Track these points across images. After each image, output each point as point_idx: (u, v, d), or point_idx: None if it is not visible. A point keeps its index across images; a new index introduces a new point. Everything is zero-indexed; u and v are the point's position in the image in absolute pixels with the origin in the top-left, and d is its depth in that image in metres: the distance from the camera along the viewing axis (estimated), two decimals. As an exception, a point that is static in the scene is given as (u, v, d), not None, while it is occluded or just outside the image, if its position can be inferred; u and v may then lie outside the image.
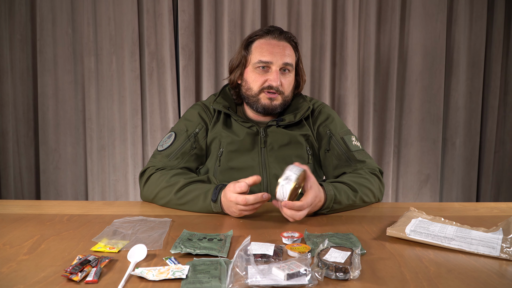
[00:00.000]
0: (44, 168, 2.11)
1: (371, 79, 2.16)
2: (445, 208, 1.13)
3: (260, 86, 1.20)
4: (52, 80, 2.08)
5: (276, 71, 1.19)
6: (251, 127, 1.22)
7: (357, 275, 0.65)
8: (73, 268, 0.65)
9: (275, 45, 1.20)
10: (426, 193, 2.26)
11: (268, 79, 1.19)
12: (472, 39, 2.19)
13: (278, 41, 1.21)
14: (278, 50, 1.19)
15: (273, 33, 1.21)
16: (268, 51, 1.19)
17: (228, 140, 1.21)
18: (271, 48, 1.19)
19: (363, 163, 1.20)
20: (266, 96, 1.20)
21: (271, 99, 1.21)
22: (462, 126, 2.24)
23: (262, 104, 1.21)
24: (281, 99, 1.22)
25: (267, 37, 1.21)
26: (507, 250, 0.75)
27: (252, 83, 1.22)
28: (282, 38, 1.21)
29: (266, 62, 1.19)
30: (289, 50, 1.22)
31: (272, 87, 1.19)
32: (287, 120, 1.23)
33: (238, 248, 0.67)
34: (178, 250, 0.73)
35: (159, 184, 1.09)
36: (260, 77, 1.20)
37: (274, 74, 1.18)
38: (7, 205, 1.10)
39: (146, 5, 2.05)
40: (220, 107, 1.24)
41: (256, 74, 1.21)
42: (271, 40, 1.21)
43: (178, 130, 1.24)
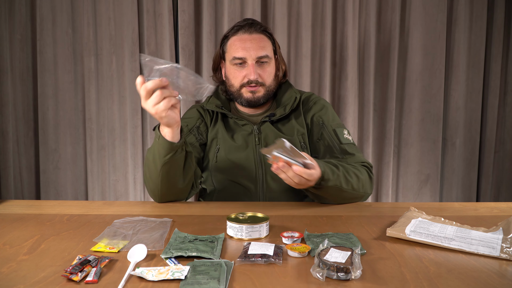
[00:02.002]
0: (44, 168, 2.11)
1: (371, 79, 2.16)
2: (445, 208, 1.13)
3: (240, 82, 1.24)
4: (52, 80, 2.08)
5: (252, 65, 1.22)
6: (244, 125, 1.24)
7: (359, 275, 0.65)
8: (73, 268, 0.65)
9: (247, 40, 1.22)
10: (426, 193, 2.26)
11: (245, 74, 1.23)
12: (472, 39, 2.19)
13: (250, 35, 1.23)
14: (250, 44, 1.22)
15: (244, 27, 1.24)
16: (241, 47, 1.22)
17: (224, 137, 1.25)
18: (243, 43, 1.22)
19: (353, 156, 1.20)
20: (247, 90, 1.24)
21: (252, 92, 1.24)
22: (462, 126, 2.24)
23: (245, 98, 1.25)
24: (263, 91, 1.25)
25: (239, 33, 1.24)
26: (507, 250, 0.75)
27: (232, 79, 1.26)
28: (253, 31, 1.24)
29: (240, 58, 1.22)
30: (262, 42, 1.24)
31: (252, 81, 1.22)
32: (278, 114, 1.25)
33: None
34: (169, 255, 0.73)
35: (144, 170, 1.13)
36: (239, 73, 1.24)
37: (250, 69, 1.22)
38: (7, 205, 1.10)
39: (146, 5, 2.05)
40: (213, 106, 1.28)
41: (234, 70, 1.25)
42: (243, 35, 1.24)
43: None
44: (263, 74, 1.24)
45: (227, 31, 1.29)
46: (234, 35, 1.25)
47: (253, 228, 0.84)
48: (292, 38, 2.12)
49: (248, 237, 0.84)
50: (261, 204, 1.16)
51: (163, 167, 1.05)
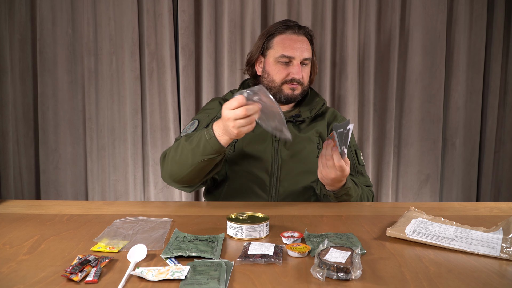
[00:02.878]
0: (44, 168, 2.11)
1: (371, 79, 2.16)
2: (445, 208, 1.13)
3: (283, 79, 1.31)
4: (52, 80, 2.08)
5: (298, 65, 1.29)
6: None
7: (359, 275, 0.65)
8: (73, 268, 0.65)
9: (296, 40, 1.30)
10: (426, 193, 2.26)
11: (291, 72, 1.30)
12: (472, 39, 2.19)
13: (298, 36, 1.31)
14: (299, 45, 1.29)
15: (293, 28, 1.31)
16: (290, 46, 1.29)
17: None
18: (292, 43, 1.29)
19: (365, 178, 1.34)
20: (288, 87, 1.31)
21: (293, 89, 1.31)
22: (462, 126, 2.24)
23: (285, 94, 1.32)
24: (301, 89, 1.33)
25: (287, 32, 1.31)
26: (507, 250, 0.75)
27: (275, 75, 1.32)
28: (301, 33, 1.32)
29: (288, 57, 1.29)
30: (306, 44, 1.32)
31: (295, 79, 1.29)
32: (303, 116, 1.33)
33: None
34: (169, 255, 0.73)
35: (171, 151, 1.15)
36: (283, 70, 1.30)
37: (296, 68, 1.29)
38: (7, 205, 1.10)
39: (146, 5, 2.05)
40: None
41: (279, 67, 1.31)
42: (292, 35, 1.31)
43: (200, 118, 1.33)
44: (304, 75, 1.32)
45: (270, 29, 1.34)
46: (283, 34, 1.31)
47: (253, 228, 0.84)
48: (292, 38, 2.12)
49: (248, 237, 0.84)
50: (261, 204, 1.16)
51: (200, 163, 1.08)
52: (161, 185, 2.15)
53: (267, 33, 1.34)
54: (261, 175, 1.25)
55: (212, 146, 1.04)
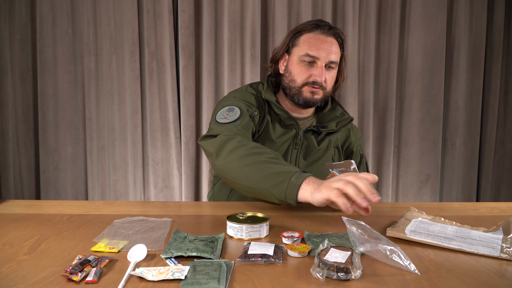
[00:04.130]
0: (44, 168, 2.11)
1: (371, 79, 2.16)
2: (445, 208, 1.13)
3: (304, 80, 1.21)
4: (52, 80, 2.08)
5: (322, 66, 1.20)
6: (290, 126, 1.24)
7: (359, 275, 0.65)
8: (73, 268, 0.65)
9: (323, 41, 1.20)
10: (426, 193, 2.26)
11: (313, 74, 1.21)
12: (472, 39, 2.19)
13: (327, 37, 1.21)
14: (326, 46, 1.20)
15: (323, 28, 1.22)
16: (316, 46, 1.20)
17: (267, 135, 1.23)
18: (319, 43, 1.20)
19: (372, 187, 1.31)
20: (309, 89, 1.22)
21: (313, 93, 1.22)
22: (462, 126, 2.24)
23: (303, 97, 1.23)
24: (322, 94, 1.24)
25: (316, 31, 1.22)
26: (507, 250, 0.75)
27: (296, 75, 1.23)
28: (330, 34, 1.22)
29: (313, 57, 1.20)
30: (335, 47, 1.22)
31: (317, 82, 1.20)
32: (329, 128, 1.26)
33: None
34: (169, 255, 0.73)
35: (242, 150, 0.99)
36: (306, 71, 1.21)
37: (319, 70, 1.20)
38: (7, 205, 1.10)
39: (146, 5, 2.05)
40: (273, 99, 1.24)
41: (302, 67, 1.22)
42: (320, 35, 1.21)
43: (240, 106, 1.18)
44: (328, 79, 1.23)
45: (300, 26, 1.26)
46: (311, 32, 1.22)
47: (253, 228, 0.84)
48: (292, 38, 2.12)
49: (248, 237, 0.84)
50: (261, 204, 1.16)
51: (255, 190, 0.95)
52: (161, 185, 2.15)
53: (296, 30, 1.26)
54: None
55: (287, 191, 0.89)
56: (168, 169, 2.15)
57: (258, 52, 2.07)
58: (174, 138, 2.11)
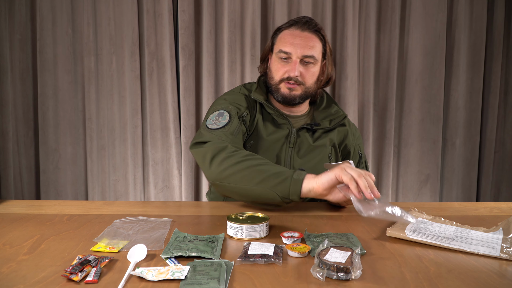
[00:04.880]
0: (44, 168, 2.11)
1: (371, 79, 2.16)
2: (445, 208, 1.13)
3: (281, 76, 1.22)
4: (52, 80, 2.08)
5: (295, 61, 1.20)
6: (283, 125, 1.23)
7: (359, 275, 0.65)
8: (73, 268, 0.65)
9: (297, 36, 1.20)
10: (426, 193, 2.26)
11: (288, 69, 1.21)
12: (472, 39, 2.19)
13: (302, 32, 1.21)
14: (299, 41, 1.20)
15: (299, 23, 1.22)
16: (289, 42, 1.20)
17: (260, 134, 1.22)
18: (292, 39, 1.20)
19: None
20: (285, 86, 1.22)
21: (290, 89, 1.22)
22: (462, 126, 2.24)
23: (281, 94, 1.23)
24: (301, 90, 1.23)
25: (292, 28, 1.22)
26: (507, 250, 0.75)
27: (274, 72, 1.24)
28: (306, 28, 1.21)
29: (286, 53, 1.20)
30: (312, 41, 1.21)
31: (291, 77, 1.20)
32: (322, 126, 1.26)
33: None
34: (169, 255, 0.73)
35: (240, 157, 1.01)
36: (282, 68, 1.22)
37: (292, 65, 1.20)
38: (7, 205, 1.10)
39: (146, 5, 2.05)
40: (261, 99, 1.25)
41: (278, 64, 1.23)
42: (295, 31, 1.22)
43: (229, 110, 1.19)
44: (305, 74, 1.21)
45: (281, 24, 1.28)
46: (287, 29, 1.23)
47: (253, 228, 0.84)
48: (292, 38, 2.12)
49: (248, 237, 0.84)
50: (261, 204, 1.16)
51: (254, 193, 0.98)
52: (161, 185, 2.15)
53: (277, 28, 1.27)
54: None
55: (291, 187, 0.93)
56: (168, 169, 2.15)
57: (258, 52, 2.07)
58: (174, 138, 2.11)
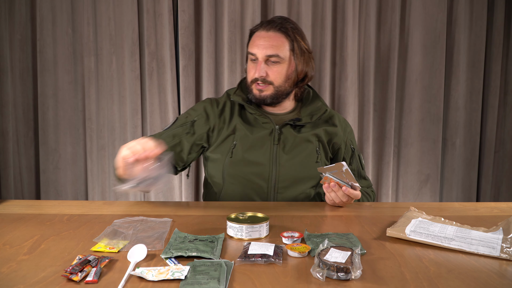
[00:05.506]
0: (44, 168, 2.11)
1: (371, 79, 2.16)
2: (445, 208, 1.13)
3: (251, 78, 1.25)
4: (52, 80, 2.08)
5: (260, 62, 1.22)
6: (265, 124, 1.24)
7: (359, 275, 0.65)
8: (73, 268, 0.65)
9: (262, 37, 1.22)
10: (426, 193, 2.26)
11: (255, 71, 1.23)
12: (472, 39, 2.19)
13: (266, 32, 1.23)
14: (263, 42, 1.21)
15: (264, 24, 1.24)
16: (255, 44, 1.23)
17: (242, 134, 1.24)
18: (258, 40, 1.22)
19: (367, 181, 1.36)
20: (256, 87, 1.24)
21: (260, 90, 1.24)
22: (462, 126, 2.24)
23: (253, 95, 1.26)
24: (271, 90, 1.24)
25: (259, 29, 1.25)
26: (507, 250, 0.75)
27: (247, 74, 1.28)
28: (270, 28, 1.23)
29: (252, 54, 1.23)
30: (276, 40, 1.22)
31: (257, 78, 1.22)
32: (304, 121, 1.27)
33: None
34: (169, 255, 0.73)
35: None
36: (251, 69, 1.25)
37: (257, 66, 1.22)
38: (7, 205, 1.10)
39: (146, 5, 2.05)
40: (240, 99, 1.27)
41: (249, 66, 1.26)
42: (260, 32, 1.24)
43: (181, 116, 1.31)
44: (270, 73, 1.22)
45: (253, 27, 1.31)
46: (256, 31, 1.25)
47: (253, 228, 0.84)
48: (292, 38, 2.12)
49: (248, 237, 0.84)
50: (261, 204, 1.16)
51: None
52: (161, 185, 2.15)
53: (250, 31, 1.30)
54: (259, 182, 1.22)
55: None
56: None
57: (258, 52, 2.07)
58: (174, 138, 2.11)
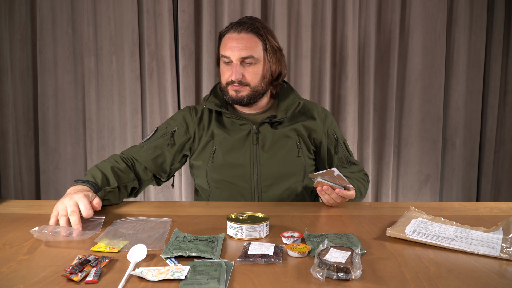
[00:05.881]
0: (44, 168, 2.11)
1: (371, 79, 2.16)
2: (445, 208, 1.13)
3: (226, 80, 1.25)
4: (52, 80, 2.08)
5: (235, 65, 1.21)
6: (243, 125, 1.25)
7: (359, 275, 0.65)
8: (73, 268, 0.65)
9: (234, 39, 1.21)
10: (426, 193, 2.26)
11: (230, 73, 1.23)
12: (472, 39, 2.19)
13: (238, 34, 1.22)
14: (236, 44, 1.21)
15: (234, 26, 1.23)
16: (227, 46, 1.22)
17: (221, 138, 1.24)
18: (229, 42, 1.22)
19: (357, 166, 1.36)
20: (232, 88, 1.24)
21: (236, 91, 1.24)
22: (462, 126, 2.24)
23: (229, 96, 1.25)
24: (248, 91, 1.24)
25: (230, 31, 1.24)
26: (507, 250, 0.75)
27: (221, 76, 1.27)
28: (242, 30, 1.22)
29: (226, 57, 1.22)
30: (249, 41, 1.21)
31: (233, 81, 1.22)
32: (279, 117, 1.26)
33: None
34: (169, 255, 0.73)
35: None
36: (226, 72, 1.25)
37: (233, 68, 1.22)
38: (7, 205, 1.10)
39: (146, 5, 2.05)
40: (212, 105, 1.27)
41: (223, 68, 1.26)
42: (232, 34, 1.23)
43: (160, 127, 1.30)
44: (246, 75, 1.22)
45: (222, 30, 1.30)
46: (226, 33, 1.24)
47: (253, 228, 0.84)
48: (292, 38, 2.12)
49: (248, 237, 0.84)
50: (261, 204, 1.16)
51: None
52: (161, 186, 2.15)
53: (219, 33, 1.28)
54: (242, 183, 1.22)
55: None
56: (168, 169, 2.15)
57: (258, 52, 2.07)
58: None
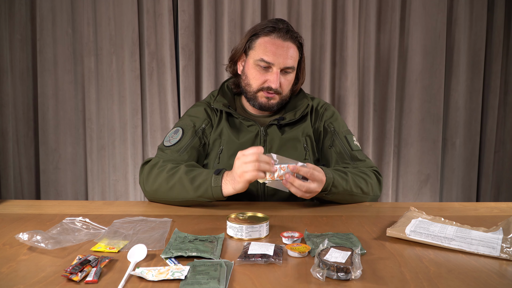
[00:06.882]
0: (44, 168, 2.11)
1: (371, 79, 2.16)
2: (445, 208, 1.13)
3: (259, 85, 1.21)
4: (52, 80, 2.08)
5: (276, 72, 1.18)
6: (250, 126, 1.23)
7: (359, 275, 0.65)
8: (73, 268, 0.65)
9: (279, 46, 1.18)
10: (426, 193, 2.26)
11: (268, 79, 1.19)
12: (472, 39, 2.19)
13: (283, 41, 1.19)
14: (282, 51, 1.18)
15: (279, 31, 1.19)
16: (271, 52, 1.17)
17: (228, 139, 1.22)
18: (274, 48, 1.18)
19: (363, 162, 1.24)
20: (264, 95, 1.21)
21: (268, 98, 1.22)
22: (462, 126, 2.24)
23: (259, 102, 1.23)
24: (278, 99, 1.23)
25: (272, 35, 1.19)
26: (507, 250, 0.75)
27: (252, 80, 1.22)
28: (287, 38, 1.19)
29: (268, 63, 1.18)
30: (292, 51, 1.20)
31: (271, 88, 1.19)
32: (288, 119, 1.24)
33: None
34: (169, 255, 0.73)
35: (163, 173, 1.10)
36: (260, 76, 1.20)
37: (274, 76, 1.18)
38: (7, 205, 1.10)
39: (146, 5, 2.05)
40: (220, 106, 1.25)
41: (257, 71, 1.21)
42: (276, 40, 1.19)
43: (184, 126, 1.25)
44: (283, 84, 1.21)
45: (257, 28, 1.23)
46: (267, 36, 1.19)
47: (253, 228, 0.84)
48: (292, 38, 2.12)
49: (248, 237, 0.84)
50: (261, 204, 1.16)
51: (193, 201, 1.07)
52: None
53: (253, 31, 1.22)
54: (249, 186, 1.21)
55: (214, 194, 1.04)
56: (168, 169, 2.14)
57: (258, 52, 2.07)
58: (174, 138, 2.11)
